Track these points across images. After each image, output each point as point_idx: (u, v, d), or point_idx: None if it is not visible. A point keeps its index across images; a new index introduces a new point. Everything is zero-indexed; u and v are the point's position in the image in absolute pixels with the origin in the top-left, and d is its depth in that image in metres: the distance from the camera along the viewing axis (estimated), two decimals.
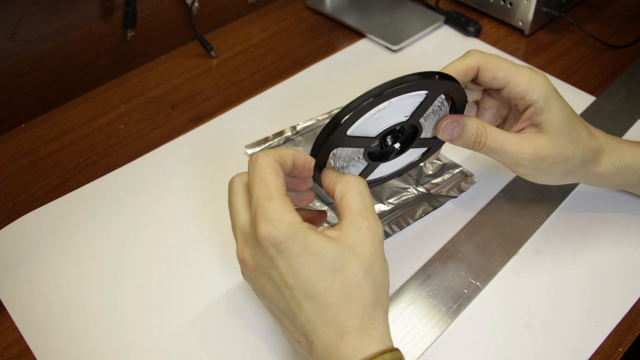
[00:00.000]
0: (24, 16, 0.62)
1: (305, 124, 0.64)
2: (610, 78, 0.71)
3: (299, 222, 0.38)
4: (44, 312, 0.49)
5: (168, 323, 0.48)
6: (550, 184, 0.50)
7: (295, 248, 0.38)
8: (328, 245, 0.38)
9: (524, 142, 0.46)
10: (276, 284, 0.39)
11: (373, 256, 0.39)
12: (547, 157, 0.47)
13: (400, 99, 0.42)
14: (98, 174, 0.60)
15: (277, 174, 0.40)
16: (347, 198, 0.40)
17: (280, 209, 0.38)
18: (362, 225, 0.39)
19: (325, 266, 0.38)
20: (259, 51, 0.76)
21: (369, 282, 0.38)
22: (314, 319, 0.38)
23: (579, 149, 0.47)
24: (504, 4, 0.78)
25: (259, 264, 0.40)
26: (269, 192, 0.39)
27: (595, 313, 0.48)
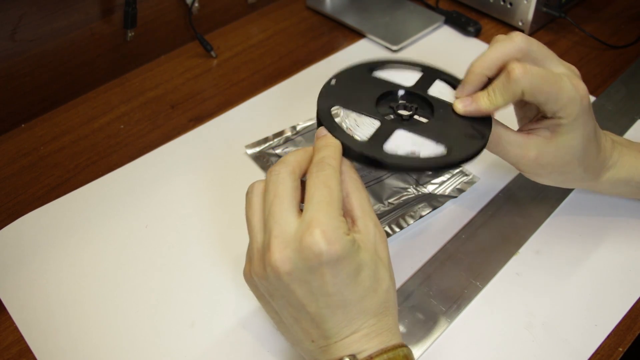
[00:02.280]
0: (24, 16, 0.62)
1: (305, 124, 0.64)
2: (610, 78, 0.71)
3: (351, 237, 0.38)
4: (44, 312, 0.49)
5: (168, 323, 0.48)
6: (548, 184, 0.50)
7: (348, 264, 0.37)
8: (367, 259, 0.38)
9: (530, 144, 0.45)
10: (312, 290, 0.38)
11: (388, 259, 0.41)
12: (548, 165, 0.46)
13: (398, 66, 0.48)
14: (98, 174, 0.60)
15: (338, 181, 0.39)
16: (353, 194, 0.41)
17: (338, 220, 0.37)
18: (377, 227, 0.40)
19: (366, 279, 0.38)
20: (259, 51, 0.76)
21: (390, 285, 0.40)
22: (343, 323, 0.39)
23: (581, 167, 0.47)
24: (504, 4, 0.78)
25: (298, 269, 0.37)
26: (331, 197, 0.38)
27: (595, 313, 0.48)
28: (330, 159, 0.40)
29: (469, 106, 0.44)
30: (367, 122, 0.44)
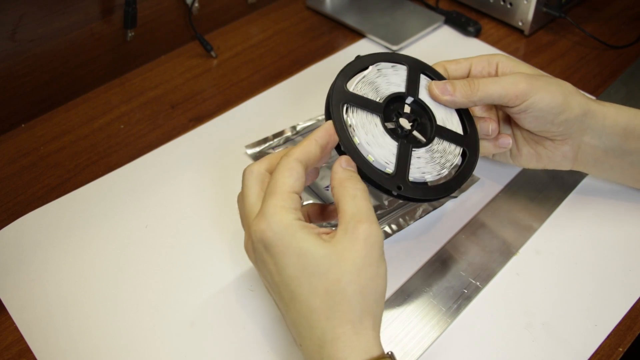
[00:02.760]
0: (24, 16, 0.62)
1: (305, 124, 0.64)
2: (610, 78, 0.71)
3: (292, 220, 0.38)
4: (44, 312, 0.49)
5: (168, 323, 0.48)
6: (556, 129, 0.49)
7: (280, 245, 0.37)
8: (315, 247, 0.37)
9: (514, 73, 0.49)
10: (268, 280, 0.40)
11: (364, 261, 0.37)
12: (537, 76, 0.48)
13: (385, 66, 0.48)
14: (98, 174, 0.60)
15: (291, 172, 0.40)
16: (342, 203, 0.40)
17: (277, 204, 0.38)
18: (355, 229, 0.38)
19: (310, 268, 0.37)
20: (259, 51, 0.76)
21: (355, 289, 0.37)
22: (300, 321, 0.38)
23: (565, 82, 0.49)
24: (504, 4, 0.78)
25: (257, 258, 0.40)
26: (273, 188, 0.39)
27: (595, 313, 0.48)
28: (285, 154, 0.41)
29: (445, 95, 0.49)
30: (380, 140, 0.45)
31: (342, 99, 0.45)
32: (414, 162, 0.45)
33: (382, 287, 0.38)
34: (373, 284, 0.37)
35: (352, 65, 0.47)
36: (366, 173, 0.43)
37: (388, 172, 0.44)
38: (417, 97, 0.48)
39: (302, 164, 0.41)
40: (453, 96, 0.48)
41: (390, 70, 0.49)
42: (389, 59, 0.49)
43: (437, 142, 0.47)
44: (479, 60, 0.52)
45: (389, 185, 0.43)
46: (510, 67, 0.51)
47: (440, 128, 0.48)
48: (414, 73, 0.49)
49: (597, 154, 0.51)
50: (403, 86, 0.48)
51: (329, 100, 0.44)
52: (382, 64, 0.49)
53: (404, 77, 0.49)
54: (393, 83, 0.48)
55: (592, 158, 0.51)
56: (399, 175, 0.44)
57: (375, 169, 0.44)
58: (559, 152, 0.51)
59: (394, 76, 0.48)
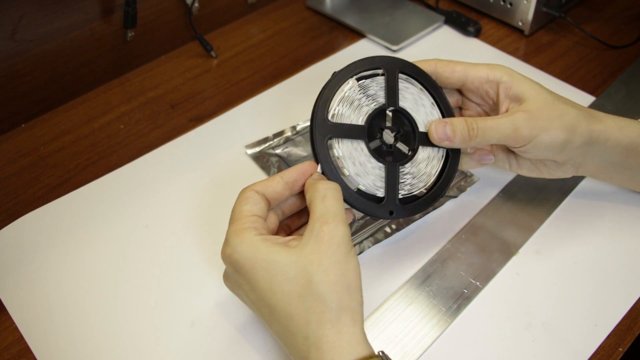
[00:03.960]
0: (24, 16, 0.62)
1: (305, 124, 0.64)
2: (610, 78, 0.71)
3: (252, 236, 0.39)
4: (44, 312, 0.49)
5: (168, 323, 0.48)
6: (559, 158, 0.49)
7: (247, 263, 0.38)
8: (280, 256, 0.38)
9: (515, 110, 0.47)
10: (246, 301, 0.42)
11: (331, 260, 0.37)
12: (539, 109, 0.46)
13: (361, 80, 0.47)
14: (98, 174, 0.60)
15: (247, 200, 0.42)
16: (312, 205, 0.40)
17: (236, 228, 0.40)
18: (320, 231, 0.38)
19: (279, 276, 0.37)
20: (259, 51, 0.76)
21: (326, 288, 0.37)
22: (282, 331, 0.38)
23: (569, 105, 0.48)
24: (504, 4, 0.78)
25: (232, 284, 0.42)
26: (232, 218, 0.41)
27: (595, 313, 0.48)
28: (242, 191, 0.43)
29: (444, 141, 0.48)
30: (368, 166, 0.46)
31: (325, 133, 0.45)
32: (402, 179, 0.47)
33: (355, 282, 0.38)
34: (344, 279, 0.38)
35: (331, 86, 0.46)
36: (357, 206, 0.45)
37: (379, 196, 0.46)
38: (397, 107, 0.48)
39: (259, 194, 0.42)
40: (452, 142, 0.47)
41: (368, 81, 0.48)
42: (366, 67, 0.48)
43: (421, 151, 0.48)
44: (477, 76, 0.49)
45: (382, 213, 0.46)
46: (514, 89, 0.48)
47: (422, 135, 0.48)
48: (391, 78, 0.48)
49: (599, 169, 0.51)
50: (382, 96, 0.48)
51: (313, 136, 0.44)
52: (361, 75, 0.48)
53: (383, 85, 0.48)
54: (372, 96, 0.47)
55: (592, 171, 0.51)
56: (389, 199, 0.46)
57: (366, 197, 0.45)
58: (560, 169, 0.51)
59: (372, 87, 0.48)
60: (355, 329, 0.37)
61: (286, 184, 0.43)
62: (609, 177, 0.52)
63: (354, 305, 0.38)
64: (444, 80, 0.51)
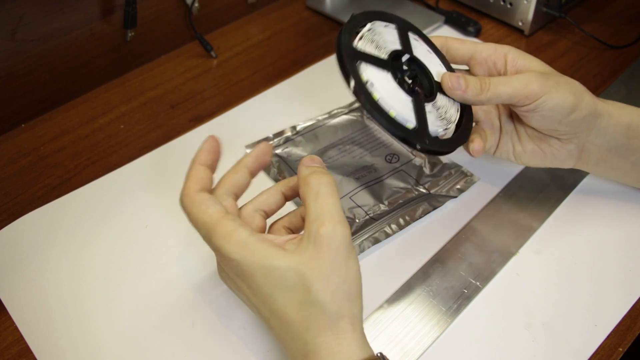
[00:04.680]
0: (24, 16, 0.62)
1: (305, 124, 0.64)
2: (610, 78, 0.71)
3: (246, 237, 0.37)
4: (44, 312, 0.49)
5: (168, 323, 0.48)
6: (565, 128, 0.49)
7: (246, 269, 0.37)
8: (279, 262, 0.37)
9: (525, 71, 0.48)
10: (247, 303, 0.41)
11: (330, 267, 0.36)
12: (549, 73, 0.48)
13: (379, 25, 0.49)
14: (98, 174, 0.60)
15: (206, 203, 0.40)
16: (306, 204, 0.39)
17: (222, 234, 0.38)
18: (318, 234, 0.37)
19: (280, 284, 0.37)
20: (259, 51, 0.76)
21: (326, 296, 0.36)
22: (282, 335, 0.38)
23: (574, 80, 0.49)
24: (504, 4, 0.78)
25: (231, 286, 0.42)
26: (206, 226, 0.39)
27: (595, 313, 0.48)
28: (183, 196, 0.42)
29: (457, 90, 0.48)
30: (396, 95, 0.46)
31: (353, 55, 0.44)
32: (428, 118, 0.47)
33: (355, 287, 0.38)
34: (344, 286, 0.37)
35: (351, 24, 0.47)
36: (392, 128, 0.44)
37: (409, 126, 0.45)
38: (412, 55, 0.49)
39: (202, 192, 0.41)
40: (464, 93, 0.48)
41: (383, 29, 0.49)
42: (381, 18, 0.50)
43: (440, 98, 0.49)
44: (486, 48, 0.51)
45: (417, 139, 0.45)
46: (520, 60, 0.50)
47: (437, 84, 0.49)
48: (403, 32, 0.50)
49: (601, 153, 0.50)
50: (398, 44, 0.49)
51: (341, 57, 0.44)
52: (376, 23, 0.49)
53: (397, 36, 0.50)
54: (389, 41, 0.48)
55: (596, 157, 0.51)
56: (421, 130, 0.46)
57: (399, 124, 0.45)
58: (564, 150, 0.51)
59: (388, 34, 0.49)
60: (354, 334, 0.37)
61: (210, 167, 0.44)
62: (612, 166, 0.52)
63: (354, 312, 0.37)
64: (453, 52, 0.52)
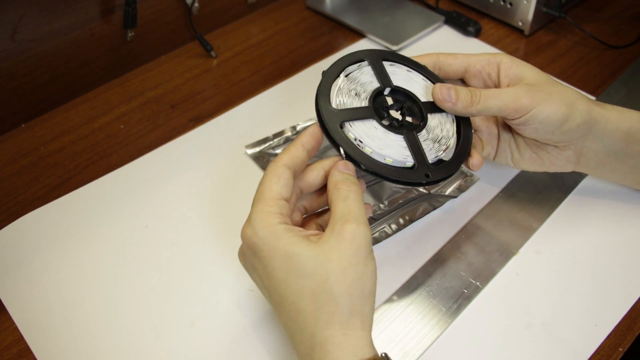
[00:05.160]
0: (24, 16, 0.62)
1: (305, 124, 0.64)
2: (610, 78, 0.71)
3: (277, 224, 0.38)
4: (44, 312, 0.49)
5: (168, 323, 0.48)
6: (559, 137, 0.49)
7: (267, 250, 0.38)
8: (301, 249, 0.37)
9: (516, 84, 0.48)
10: (259, 284, 0.41)
11: (349, 261, 0.37)
12: (539, 84, 0.47)
13: (352, 70, 0.48)
14: (98, 174, 0.60)
15: (279, 178, 0.41)
16: (333, 204, 0.40)
17: (263, 210, 0.39)
18: (342, 230, 0.38)
19: (296, 270, 0.37)
20: (259, 51, 0.76)
21: (341, 289, 0.36)
22: (289, 323, 0.38)
23: (568, 87, 0.48)
24: (504, 4, 0.78)
25: (246, 263, 0.42)
26: (260, 195, 0.40)
27: (595, 313, 0.48)
28: (272, 161, 0.42)
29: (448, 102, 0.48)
30: (387, 140, 0.45)
31: (336, 119, 0.45)
32: (425, 146, 0.47)
33: (370, 286, 0.38)
34: (360, 283, 0.37)
35: (324, 83, 0.47)
36: (392, 176, 0.44)
37: (409, 165, 0.45)
38: (392, 86, 0.49)
39: (289, 170, 0.41)
40: (455, 105, 0.47)
41: (357, 72, 0.49)
42: (350, 61, 0.49)
43: (431, 118, 0.48)
44: (479, 59, 0.51)
45: (418, 177, 0.45)
46: (514, 69, 0.49)
47: (426, 104, 0.49)
48: (377, 65, 0.49)
49: (599, 158, 0.50)
50: (376, 81, 0.49)
51: (324, 125, 0.44)
52: (348, 69, 0.49)
53: (372, 72, 0.49)
54: (366, 82, 0.48)
55: (594, 162, 0.51)
56: (421, 164, 0.45)
57: (398, 170, 0.44)
58: (561, 156, 0.51)
59: (364, 75, 0.48)
60: (363, 332, 0.37)
61: (307, 151, 0.43)
62: (611, 169, 0.52)
63: (366, 311, 0.38)
64: (446, 68, 0.51)
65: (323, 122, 0.44)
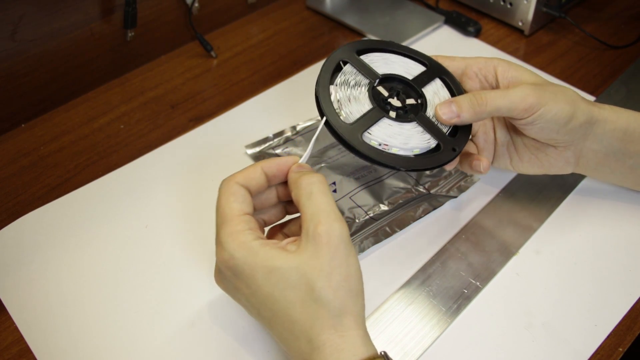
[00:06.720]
0: (24, 16, 0.62)
1: (305, 124, 0.64)
2: (610, 78, 0.71)
3: (251, 241, 0.38)
4: (44, 312, 0.49)
5: (168, 323, 0.48)
6: (562, 137, 0.49)
7: (247, 268, 0.38)
8: (281, 262, 0.37)
9: (519, 84, 0.48)
10: (245, 304, 0.40)
11: (331, 265, 0.37)
12: (542, 83, 0.48)
13: (338, 80, 0.49)
14: (98, 174, 0.60)
15: (235, 196, 0.40)
16: (300, 204, 0.39)
17: (231, 231, 0.39)
18: (316, 233, 0.37)
19: (281, 284, 0.37)
20: (259, 51, 0.76)
21: (329, 294, 0.37)
22: (285, 334, 0.38)
23: (567, 88, 0.49)
24: (504, 4, 0.78)
25: (228, 287, 0.41)
26: (222, 217, 0.40)
27: (595, 313, 0.48)
28: (223, 182, 0.41)
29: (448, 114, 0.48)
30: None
31: (356, 133, 0.45)
32: (436, 121, 0.48)
33: (356, 284, 0.38)
34: (346, 283, 0.37)
35: (325, 104, 0.47)
36: (425, 166, 0.46)
37: (433, 146, 0.47)
38: (379, 76, 0.49)
39: (243, 187, 0.41)
40: (460, 117, 0.47)
41: (340, 79, 0.49)
42: (330, 69, 0.49)
43: (426, 91, 0.50)
44: (475, 62, 0.51)
45: (448, 155, 0.47)
46: (511, 72, 0.49)
47: (416, 80, 0.50)
48: (354, 61, 0.50)
49: (598, 158, 0.50)
50: (363, 77, 0.49)
51: (353, 147, 0.45)
52: (334, 79, 0.49)
53: (354, 70, 0.50)
54: (356, 84, 0.49)
55: (594, 162, 0.51)
56: (443, 141, 0.47)
57: (428, 157, 0.46)
58: (561, 158, 0.50)
59: (349, 79, 0.49)
60: (358, 331, 0.37)
61: (266, 175, 0.42)
62: (610, 170, 0.52)
63: (357, 309, 0.38)
64: None
65: (348, 143, 0.45)
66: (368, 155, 0.44)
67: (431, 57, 0.52)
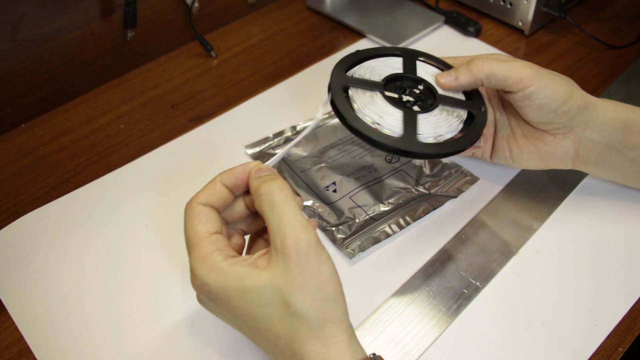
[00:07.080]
0: (24, 16, 0.62)
1: (305, 124, 0.64)
2: (610, 78, 0.71)
3: (219, 262, 0.37)
4: (44, 312, 0.49)
5: (168, 323, 0.48)
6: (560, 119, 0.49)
7: (220, 292, 0.37)
8: (252, 281, 0.37)
9: (520, 61, 0.50)
10: (229, 322, 0.40)
11: (304, 276, 0.36)
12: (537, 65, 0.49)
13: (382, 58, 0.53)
14: (98, 174, 0.60)
15: (199, 218, 0.39)
16: (264, 217, 0.38)
17: (199, 255, 0.38)
18: (284, 247, 0.36)
19: (256, 302, 0.37)
20: (259, 51, 0.76)
21: (305, 306, 0.36)
22: (270, 348, 0.38)
23: (564, 76, 0.50)
24: (504, 4, 0.78)
25: (210, 309, 0.41)
26: (190, 242, 0.39)
27: (595, 313, 0.48)
28: (186, 206, 0.40)
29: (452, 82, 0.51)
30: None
31: (413, 140, 0.47)
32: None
33: (333, 290, 0.37)
34: (322, 293, 0.37)
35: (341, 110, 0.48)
36: (479, 132, 0.49)
37: (465, 117, 0.50)
38: (382, 83, 0.51)
39: (206, 207, 0.40)
40: (458, 80, 0.50)
41: (359, 92, 0.50)
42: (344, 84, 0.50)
43: (421, 74, 0.52)
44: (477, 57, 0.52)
45: (482, 118, 0.50)
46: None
47: (406, 70, 0.52)
48: (357, 83, 0.50)
49: (599, 150, 0.50)
50: (377, 93, 0.50)
51: (433, 156, 0.48)
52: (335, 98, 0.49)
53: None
54: (374, 97, 0.50)
55: (594, 155, 0.51)
56: (472, 107, 0.51)
57: (472, 128, 0.49)
58: (560, 148, 0.51)
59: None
60: (342, 337, 0.37)
61: (226, 187, 0.41)
62: (611, 164, 0.51)
63: (337, 315, 0.37)
64: None
65: (422, 153, 0.47)
66: (443, 153, 0.47)
67: (398, 47, 0.54)
